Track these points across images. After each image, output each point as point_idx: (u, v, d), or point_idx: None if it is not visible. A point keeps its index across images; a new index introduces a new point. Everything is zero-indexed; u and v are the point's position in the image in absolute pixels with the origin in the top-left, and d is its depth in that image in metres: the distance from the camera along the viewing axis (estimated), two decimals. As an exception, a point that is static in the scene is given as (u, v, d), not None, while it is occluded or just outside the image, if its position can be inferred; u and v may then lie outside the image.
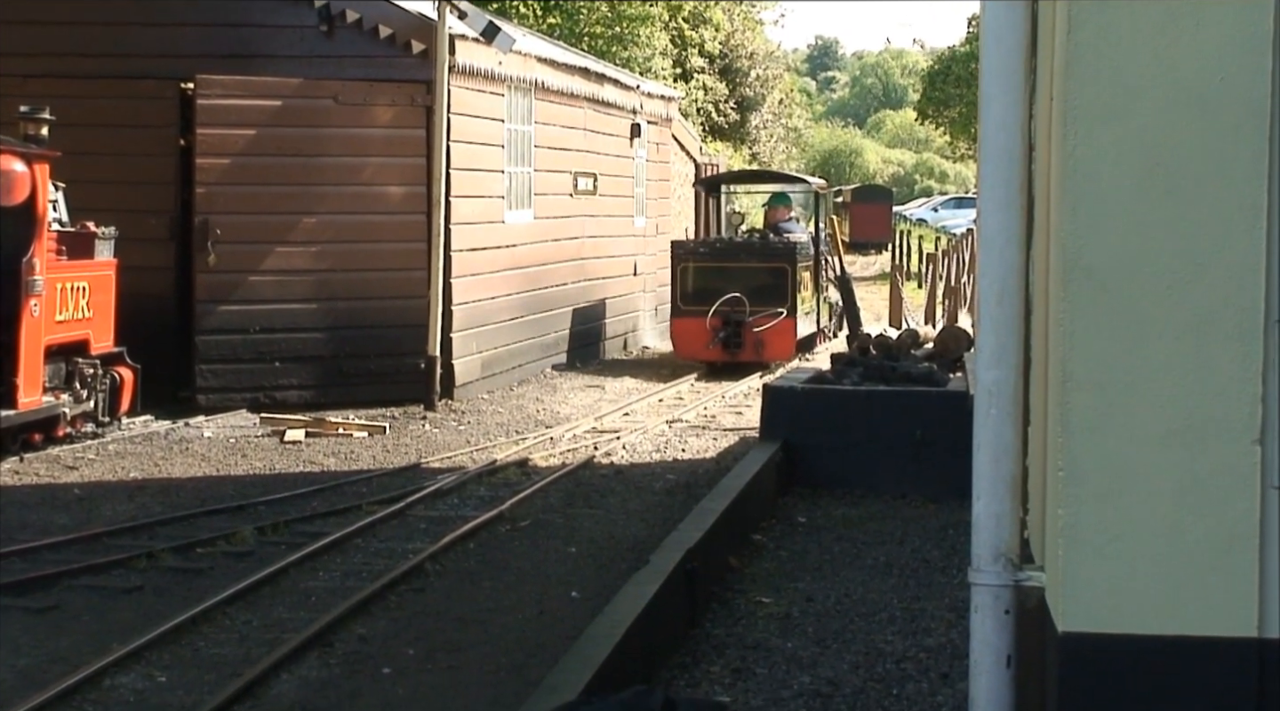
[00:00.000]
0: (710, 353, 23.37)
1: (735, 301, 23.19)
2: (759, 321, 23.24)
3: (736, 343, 23.25)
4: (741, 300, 23.19)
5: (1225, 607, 4.18)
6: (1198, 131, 4.16)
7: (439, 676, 9.25)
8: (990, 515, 4.80)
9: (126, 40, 19.43)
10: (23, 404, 15.34)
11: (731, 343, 23.26)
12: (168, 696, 8.84)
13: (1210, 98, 4.15)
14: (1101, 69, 4.20)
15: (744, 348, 23.25)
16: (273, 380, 19.27)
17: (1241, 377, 4.16)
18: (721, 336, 23.21)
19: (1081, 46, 4.21)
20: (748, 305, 23.19)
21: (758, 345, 23.26)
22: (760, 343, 23.25)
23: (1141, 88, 4.18)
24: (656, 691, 6.52)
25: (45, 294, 15.47)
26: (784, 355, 23.55)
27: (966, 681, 4.94)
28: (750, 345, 23.24)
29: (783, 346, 23.56)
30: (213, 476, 15.43)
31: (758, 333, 23.22)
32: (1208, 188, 4.16)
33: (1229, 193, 4.15)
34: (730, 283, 23.50)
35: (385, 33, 19.54)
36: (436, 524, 13.23)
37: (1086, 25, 4.20)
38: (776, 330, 23.38)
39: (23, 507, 13.79)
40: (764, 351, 23.31)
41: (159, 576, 11.55)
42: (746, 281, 23.56)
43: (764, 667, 8.84)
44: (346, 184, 19.59)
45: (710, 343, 23.26)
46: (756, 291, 23.41)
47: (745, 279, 23.62)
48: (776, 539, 12.35)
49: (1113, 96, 4.19)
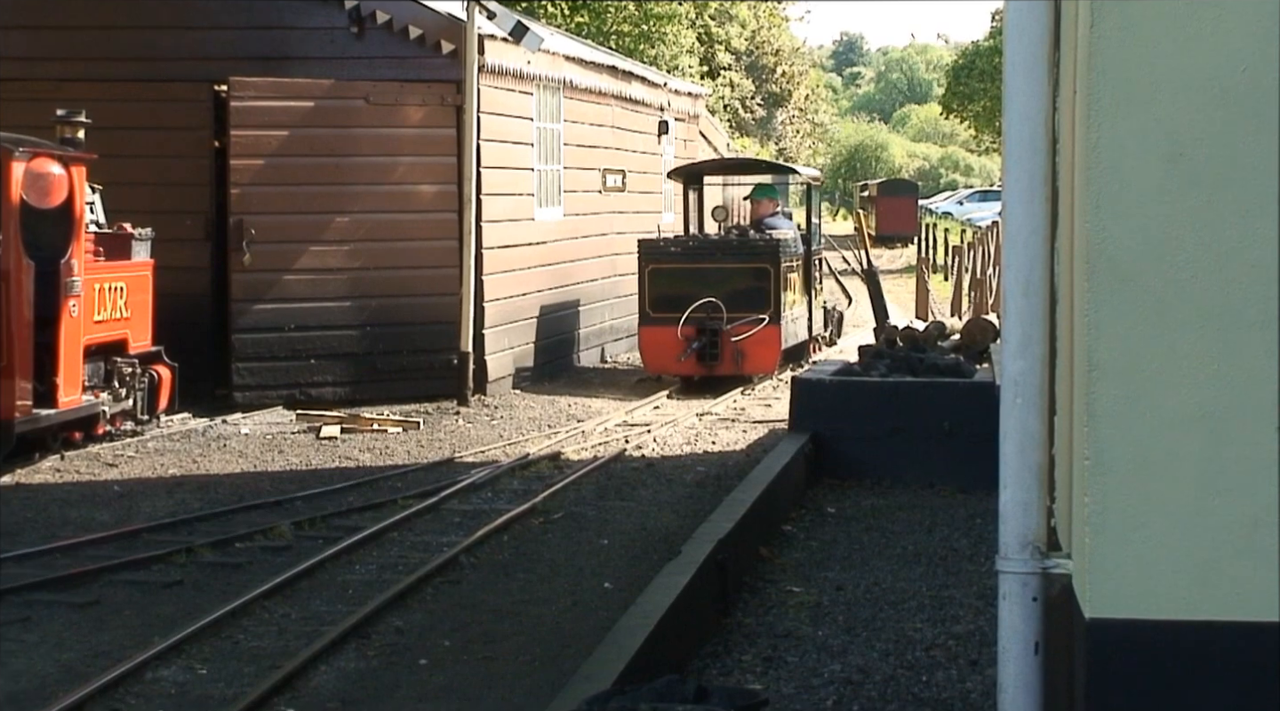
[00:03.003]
0: (683, 366, 20.62)
1: (711, 307, 20.37)
2: (738, 330, 20.38)
3: (713, 354, 20.42)
4: (718, 306, 20.36)
5: (1251, 592, 4.18)
6: (1219, 122, 4.15)
7: (475, 667, 9.26)
8: (1017, 504, 4.80)
9: (160, 44, 19.48)
10: (63, 403, 15.38)
11: (707, 354, 20.40)
12: (208, 688, 8.87)
13: (1232, 88, 4.15)
14: (1123, 61, 4.20)
15: (721, 360, 20.47)
16: (308, 377, 19.32)
17: (1264, 365, 4.16)
18: (695, 347, 20.34)
19: (1103, 39, 4.20)
20: (725, 311, 20.35)
21: (737, 356, 20.48)
22: (740, 354, 20.46)
23: (1163, 79, 4.17)
24: (689, 680, 6.53)
25: (83, 295, 15.51)
26: (767, 367, 21.15)
27: (995, 668, 4.94)
28: (729, 356, 20.44)
29: (765, 357, 20.88)
30: (250, 472, 15.47)
31: (737, 342, 20.38)
32: (1230, 178, 4.15)
33: (1251, 183, 4.15)
34: (705, 286, 20.52)
35: (415, 33, 19.56)
36: (471, 517, 13.25)
37: (1108, 18, 4.20)
38: (757, 339, 20.52)
39: (64, 504, 13.85)
40: (744, 363, 20.65)
41: (198, 571, 11.59)
42: (724, 284, 20.61)
43: (795, 656, 8.85)
44: (378, 183, 19.62)
45: (683, 354, 20.41)
46: (735, 296, 20.50)
47: (722, 281, 20.65)
48: (806, 529, 12.35)
49: (1135, 88, 4.19)
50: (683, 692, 6.21)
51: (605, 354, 24.19)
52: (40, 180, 14.96)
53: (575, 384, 21.90)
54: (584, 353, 23.43)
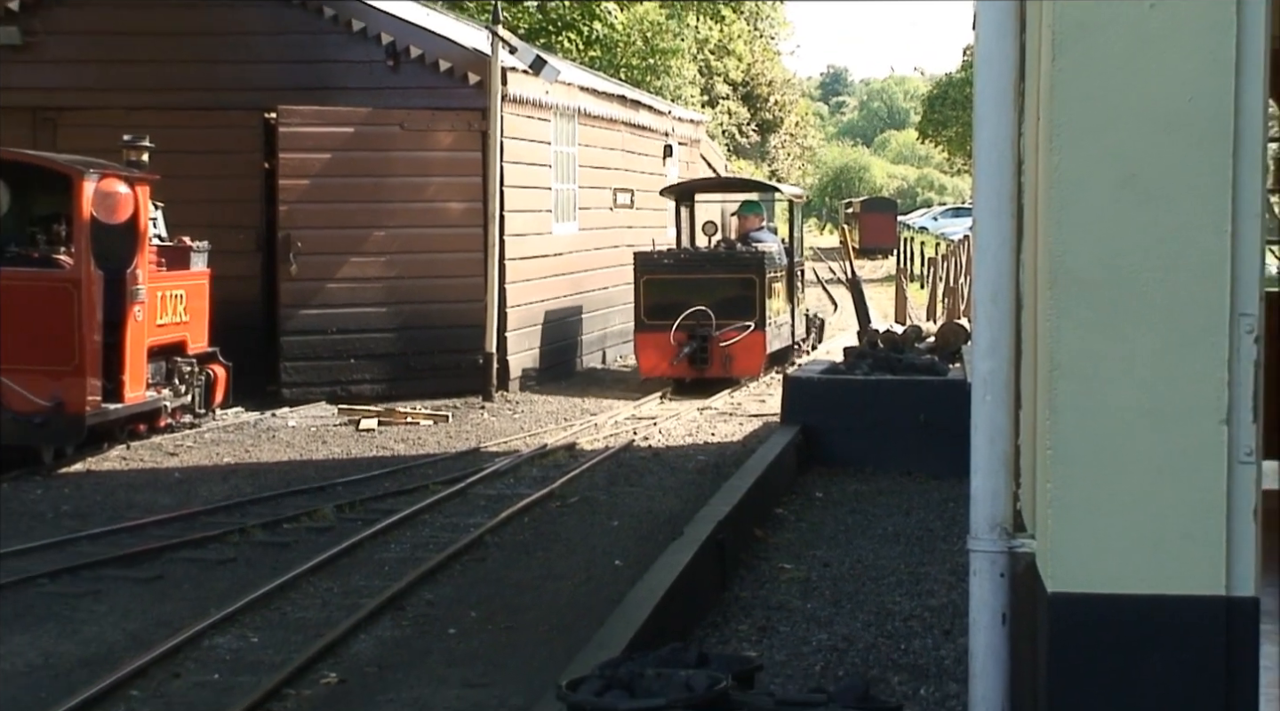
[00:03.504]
0: (675, 369, 20.16)
1: (701, 315, 19.96)
2: (726, 335, 20.02)
3: (703, 358, 20.02)
4: (707, 313, 19.96)
5: (1197, 569, 4.18)
6: (1169, 146, 4.16)
7: (498, 636, 9.27)
8: (986, 489, 4.81)
9: (215, 76, 19.51)
10: (129, 398, 15.41)
11: (697, 358, 20.02)
12: (260, 655, 8.89)
13: (1180, 116, 4.15)
14: (1082, 91, 4.20)
15: (711, 363, 20.05)
16: (348, 375, 19.34)
17: (1209, 365, 4.16)
18: (687, 352, 19.95)
19: (1064, 72, 4.21)
20: (714, 319, 19.96)
21: (725, 360, 20.09)
22: (728, 358, 20.09)
23: (1118, 108, 4.18)
24: (691, 648, 6.53)
25: (147, 301, 15.53)
26: (753, 370, 20.70)
27: (966, 637, 4.95)
28: (717, 360, 20.05)
29: (751, 361, 20.47)
30: (296, 461, 15.48)
31: (725, 347, 20.03)
32: (1178, 196, 4.16)
33: (1197, 201, 4.15)
34: (696, 295, 20.11)
35: (445, 66, 19.59)
36: (494, 501, 13.26)
37: (1068, 54, 4.21)
38: (744, 344, 20.15)
39: (130, 489, 13.88)
40: (732, 367, 20.23)
41: (250, 549, 11.61)
42: (713, 294, 20.16)
43: (786, 626, 8.85)
44: (412, 201, 19.63)
45: (675, 358, 20.00)
46: (723, 304, 20.10)
47: (711, 291, 20.20)
48: (797, 512, 12.35)
49: (1092, 116, 4.19)
50: (685, 659, 6.21)
51: (605, 356, 24.09)
52: (108, 198, 14.98)
53: (589, 382, 21.89)
54: (591, 355, 23.34)
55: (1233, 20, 4.12)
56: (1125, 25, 4.16)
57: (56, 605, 10.00)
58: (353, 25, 19.59)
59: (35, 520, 12.64)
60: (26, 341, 14.66)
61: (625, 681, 5.88)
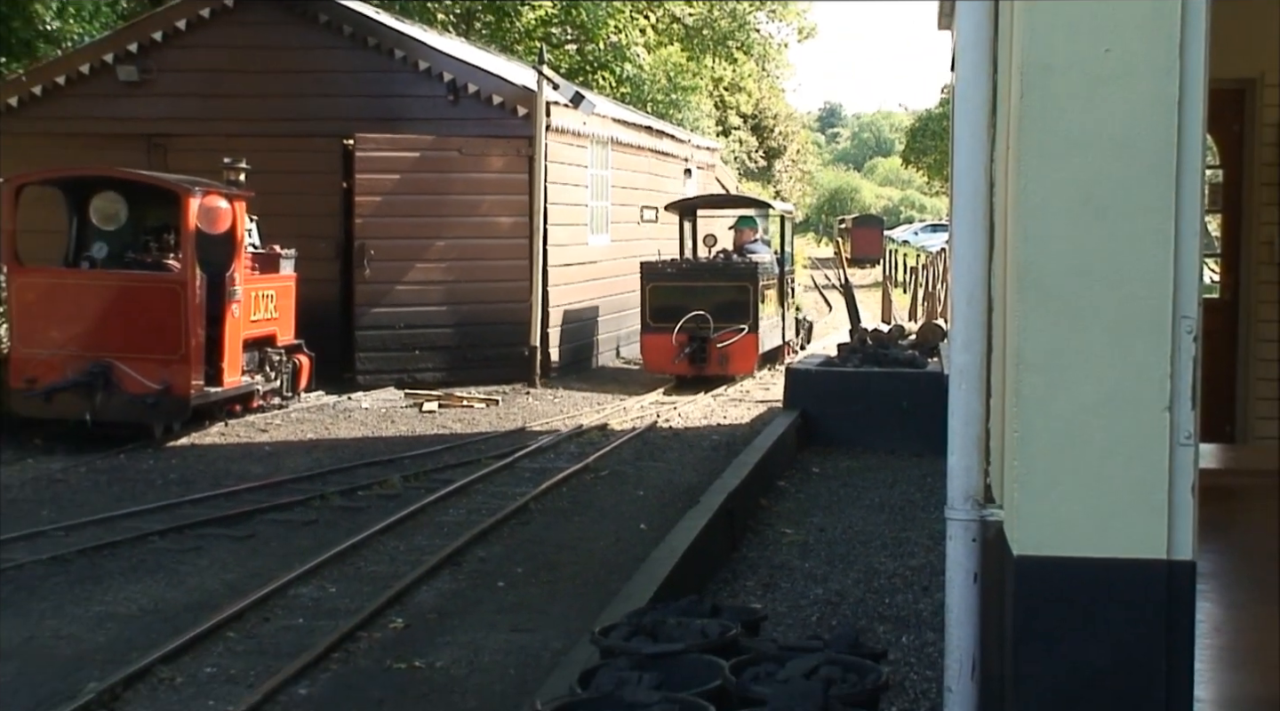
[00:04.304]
0: (677, 366, 19.46)
1: (700, 318, 19.31)
2: (723, 337, 19.33)
3: (702, 357, 19.35)
4: (706, 317, 19.30)
5: (1142, 536, 4.16)
6: (1121, 172, 4.13)
7: (540, 588, 9.29)
8: (961, 466, 4.78)
9: (303, 108, 19.55)
10: (227, 383, 15.47)
11: (697, 357, 19.35)
12: (337, 602, 8.92)
13: (1130, 145, 4.13)
14: (1046, 124, 4.18)
15: (709, 362, 19.38)
16: (413, 364, 19.37)
17: (1154, 360, 4.14)
18: (687, 351, 19.29)
19: (1031, 107, 4.18)
20: (712, 322, 19.31)
21: (722, 359, 19.41)
22: (724, 357, 19.42)
23: (1077, 139, 4.15)
24: (706, 600, 6.52)
25: (243, 300, 15.58)
26: (747, 368, 19.97)
27: (943, 593, 4.93)
28: (715, 359, 19.37)
29: (745, 360, 19.78)
30: (369, 437, 15.53)
31: (722, 348, 19.34)
32: (1128, 215, 4.13)
33: (1145, 220, 4.12)
34: (696, 301, 19.43)
35: (497, 100, 19.59)
36: (538, 473, 13.28)
37: (1034, 91, 4.18)
38: (739, 345, 19.49)
39: (227, 460, 13.94)
40: (728, 365, 19.56)
41: (329, 512, 11.65)
42: (711, 299, 19.47)
43: (787, 582, 8.84)
44: (468, 216, 19.65)
45: (677, 357, 19.32)
46: (720, 309, 19.42)
47: (710, 297, 19.50)
48: (796, 484, 12.34)
49: (1054, 145, 4.17)
50: (701, 610, 6.20)
51: (620, 352, 23.82)
52: (210, 212, 15.03)
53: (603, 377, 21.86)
54: (606, 352, 23.07)
55: (1175, 64, 4.10)
56: (1083, 67, 4.13)
57: (165, 559, 10.05)
58: (419, 65, 19.60)
59: (147, 486, 12.70)
60: (140, 334, 14.73)
61: (649, 628, 5.88)
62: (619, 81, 35.81)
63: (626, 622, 6.00)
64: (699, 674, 5.39)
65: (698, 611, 6.16)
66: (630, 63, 36.75)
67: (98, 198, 15.66)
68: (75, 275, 15.19)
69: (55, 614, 8.66)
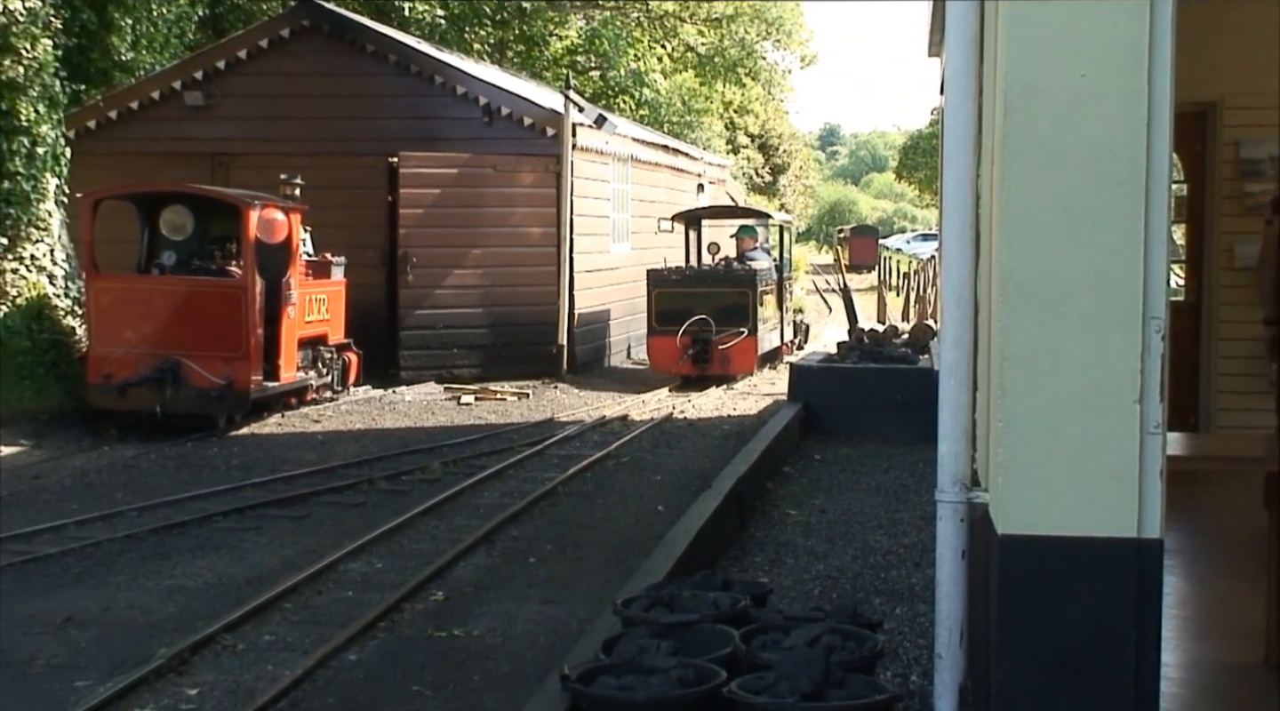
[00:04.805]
0: (681, 367, 18.98)
1: (703, 322, 18.82)
2: (724, 339, 18.86)
3: (705, 358, 18.88)
4: (708, 321, 18.82)
5: (1115, 516, 4.15)
6: (1096, 186, 4.12)
7: (568, 564, 9.29)
8: (950, 453, 4.78)
9: (351, 130, 19.58)
10: (284, 378, 15.51)
11: (700, 358, 18.89)
12: (383, 577, 8.94)
13: (1104, 161, 4.12)
14: (1028, 142, 4.17)
15: (711, 362, 18.90)
16: (452, 361, 19.39)
17: (1126, 357, 4.13)
18: (691, 353, 18.84)
19: (1014, 127, 4.18)
20: (714, 325, 18.82)
21: (723, 360, 18.93)
22: (726, 358, 18.94)
23: (1056, 155, 4.15)
24: (718, 575, 6.53)
25: (297, 303, 15.61)
26: (747, 369, 19.43)
27: (933, 568, 4.93)
28: (717, 360, 18.90)
29: (745, 361, 19.26)
30: (411, 427, 15.55)
31: (723, 349, 18.88)
32: (1103, 225, 4.12)
33: (1117, 227, 4.12)
34: (699, 305, 18.93)
35: (528, 122, 19.60)
36: (565, 460, 13.29)
37: (1017, 111, 4.18)
38: (739, 347, 19.00)
39: (284, 448, 13.97)
40: (729, 365, 19.05)
41: (376, 495, 11.66)
42: (713, 304, 18.99)
43: (791, 558, 8.83)
44: (501, 226, 19.66)
45: (681, 358, 18.88)
46: (722, 313, 18.94)
47: (712, 302, 19.03)
48: (799, 470, 12.33)
49: (1035, 161, 4.17)
50: (713, 583, 6.21)
51: (631, 353, 23.57)
52: (268, 223, 15.07)
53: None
54: (618, 354, 22.79)
55: (1145, 88, 4.09)
56: (1061, 90, 4.13)
57: (228, 537, 10.08)
58: (457, 90, 19.62)
59: (211, 471, 12.74)
60: (205, 334, 14.78)
61: (667, 600, 5.89)
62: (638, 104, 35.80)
63: (646, 595, 6.01)
64: (712, 641, 5.40)
65: (710, 585, 6.17)
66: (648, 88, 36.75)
67: (167, 211, 15.71)
68: (147, 281, 15.25)
69: (129, 586, 8.70)
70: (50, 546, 9.67)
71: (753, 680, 4.91)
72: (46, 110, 16.90)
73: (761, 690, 4.81)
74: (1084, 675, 4.17)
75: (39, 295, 16.67)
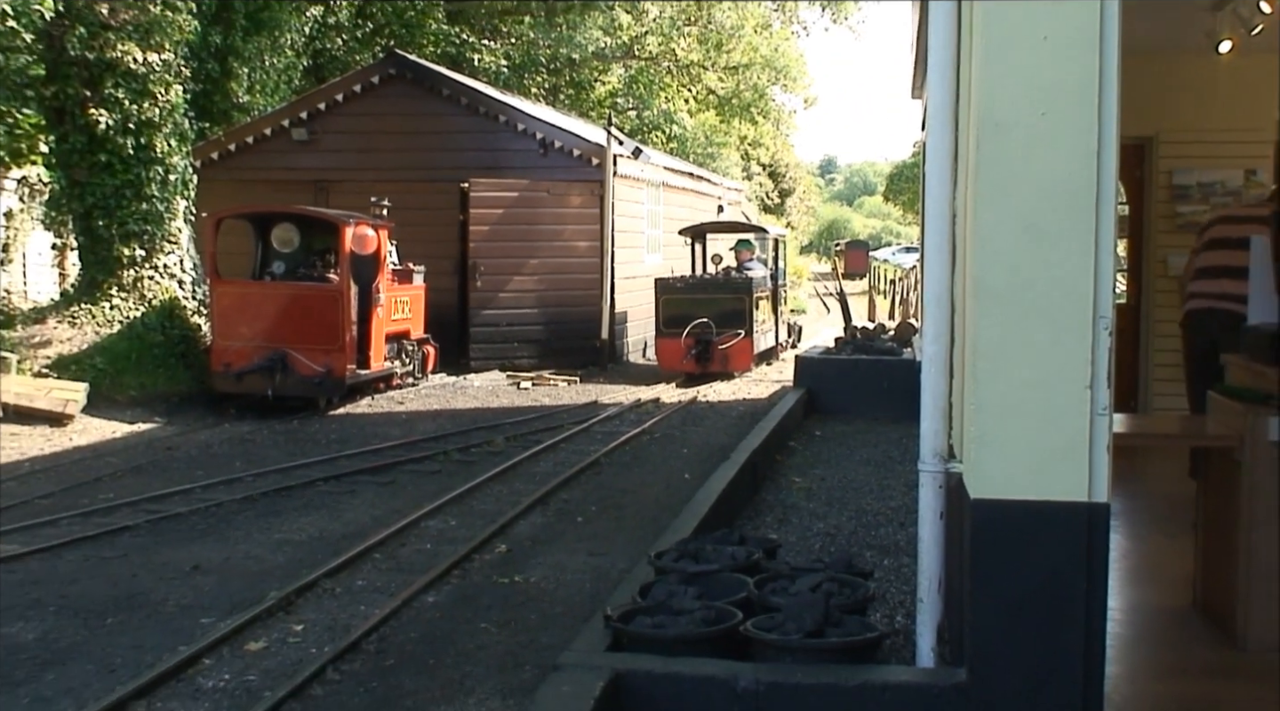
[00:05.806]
0: (686, 365, 18.38)
1: (704, 325, 18.29)
2: (724, 340, 18.32)
3: (706, 357, 18.32)
4: (709, 324, 18.29)
5: (1068, 483, 4.13)
6: (1053, 207, 4.10)
7: (610, 522, 9.30)
8: (930, 430, 4.77)
9: (430, 160, 19.66)
10: (373, 367, 15.60)
11: (702, 357, 18.32)
12: (456, 532, 8.97)
13: (1060, 186, 4.10)
14: (997, 170, 4.15)
15: (712, 361, 18.35)
16: (513, 353, 19.44)
17: (1079, 350, 4.11)
18: (694, 353, 18.31)
19: (984, 157, 4.16)
20: (714, 328, 18.28)
21: (723, 359, 18.38)
22: (725, 357, 18.39)
23: (1020, 179, 4.13)
24: (735, 532, 6.53)
25: (385, 304, 15.69)
26: (744, 366, 18.71)
27: (916, 527, 4.91)
28: (717, 359, 18.36)
29: (742, 360, 18.60)
30: (480, 408, 15.60)
31: (723, 349, 18.35)
32: (1059, 239, 4.10)
33: (1071, 241, 4.09)
34: (701, 310, 18.35)
35: (576, 153, 19.61)
36: (607, 435, 13.30)
37: (987, 144, 4.16)
38: (737, 347, 18.42)
39: (374, 425, 14.04)
40: (729, 364, 18.44)
41: (450, 465, 11.71)
42: (714, 309, 18.39)
43: (796, 518, 8.82)
44: (554, 241, 19.69)
45: (685, 357, 18.33)
46: (722, 316, 18.37)
47: (712, 307, 18.42)
48: (803, 444, 12.31)
49: (1003, 186, 4.15)
50: (731, 539, 6.21)
51: (646, 352, 23.27)
52: (360, 238, 15.15)
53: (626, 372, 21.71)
54: (635, 351, 22.46)
55: (1095, 125, 4.07)
56: (1024, 126, 4.11)
57: (327, 499, 10.14)
58: (517, 127, 19.65)
59: (314, 444, 12.82)
60: (308, 330, 14.88)
61: (693, 553, 5.90)
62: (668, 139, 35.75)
63: (675, 548, 6.02)
64: (730, 587, 5.40)
65: (729, 540, 6.17)
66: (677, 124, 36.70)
67: (277, 228, 15.82)
68: (260, 286, 15.36)
69: (245, 540, 8.76)
70: (180, 506, 9.76)
71: (764, 620, 4.91)
72: (177, 144, 17.08)
73: (771, 628, 4.82)
74: (1042, 617, 4.15)
75: (171, 298, 16.84)
